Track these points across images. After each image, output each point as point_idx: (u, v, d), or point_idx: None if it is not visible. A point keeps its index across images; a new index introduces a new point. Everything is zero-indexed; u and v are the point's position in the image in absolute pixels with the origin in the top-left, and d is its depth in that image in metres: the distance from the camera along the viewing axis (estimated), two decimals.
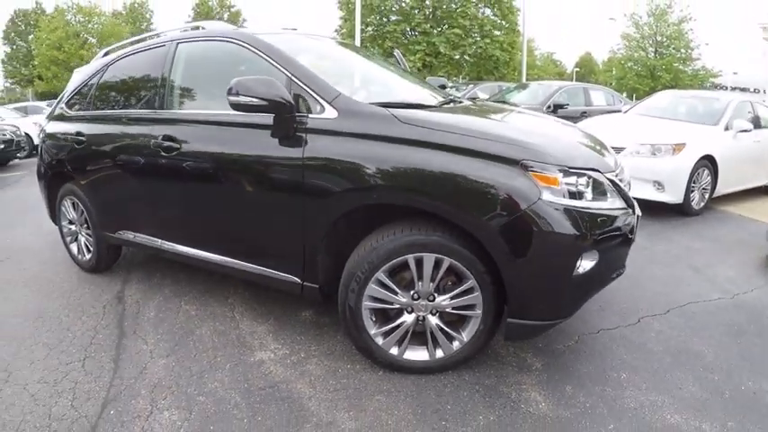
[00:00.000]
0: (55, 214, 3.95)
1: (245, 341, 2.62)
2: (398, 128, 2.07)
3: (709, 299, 3.23)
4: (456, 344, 2.17)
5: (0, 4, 51.42)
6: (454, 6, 19.27)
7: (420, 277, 2.05)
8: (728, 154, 5.53)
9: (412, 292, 2.10)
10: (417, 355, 2.22)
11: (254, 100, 2.18)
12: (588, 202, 1.97)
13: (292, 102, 2.23)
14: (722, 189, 5.68)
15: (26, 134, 11.08)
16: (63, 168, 3.67)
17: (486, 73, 21.06)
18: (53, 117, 3.94)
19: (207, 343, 2.62)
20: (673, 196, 5.11)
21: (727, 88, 29.44)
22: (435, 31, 18.79)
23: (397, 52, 4.39)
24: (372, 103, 2.25)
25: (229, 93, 2.20)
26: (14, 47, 40.45)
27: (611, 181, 2.11)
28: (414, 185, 2.00)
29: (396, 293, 2.10)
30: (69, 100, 3.81)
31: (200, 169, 2.73)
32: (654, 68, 28.54)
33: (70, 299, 3.26)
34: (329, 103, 2.25)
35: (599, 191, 2.03)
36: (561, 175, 1.92)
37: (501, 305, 2.10)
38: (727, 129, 5.64)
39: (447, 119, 2.22)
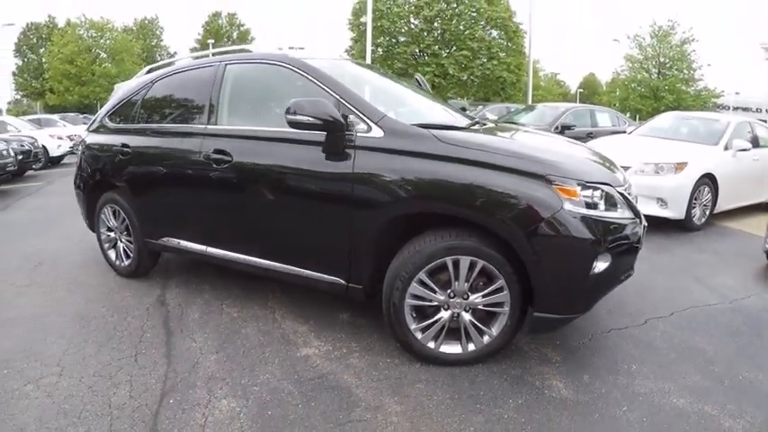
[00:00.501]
0: (93, 222, 4.11)
1: (289, 339, 2.86)
2: (438, 146, 2.39)
3: (709, 304, 3.51)
4: (486, 338, 2.46)
5: (12, 17, 52.02)
6: (462, 29, 19.84)
7: (456, 277, 2.35)
8: (728, 172, 5.84)
9: (448, 291, 2.40)
10: (451, 348, 2.50)
11: (310, 119, 2.48)
12: (602, 212, 2.29)
13: (343, 121, 2.54)
14: (722, 205, 5.99)
15: (43, 146, 11.39)
16: (105, 178, 3.88)
17: (493, 94, 21.62)
18: (94, 129, 4.14)
19: (253, 341, 2.84)
20: (675, 212, 5.41)
21: (729, 108, 29.78)
22: (444, 52, 19.39)
23: (419, 76, 4.73)
24: (413, 125, 2.58)
25: (287, 112, 2.51)
26: (26, 59, 41.11)
27: (621, 194, 2.44)
28: (453, 196, 2.32)
29: (434, 292, 2.40)
30: (112, 113, 4.02)
31: (251, 180, 3.00)
32: (657, 89, 28.96)
33: (112, 301, 3.45)
34: (375, 124, 2.56)
35: (610, 202, 2.36)
36: (579, 188, 2.25)
37: (525, 302, 2.40)
38: (726, 148, 5.96)
39: (479, 139, 2.56)
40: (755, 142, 6.37)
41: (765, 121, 9.03)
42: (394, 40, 20.27)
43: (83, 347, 2.78)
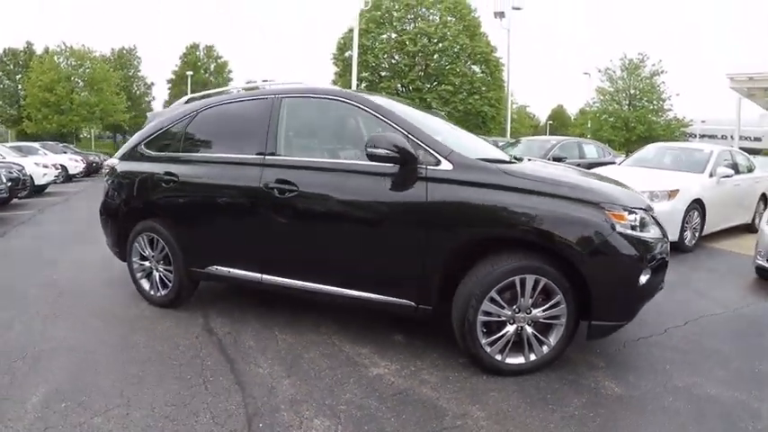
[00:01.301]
0: (123, 251, 4.08)
1: (355, 361, 3.01)
2: (504, 178, 2.81)
3: (715, 313, 4.04)
4: (545, 348, 2.85)
5: None
6: (445, 63, 20.83)
7: (522, 294, 2.76)
8: (714, 197, 6.52)
9: (514, 307, 2.81)
10: (515, 359, 2.85)
11: (388, 152, 2.80)
12: (642, 233, 2.78)
13: (416, 155, 2.86)
14: (709, 228, 6.64)
15: (30, 175, 11.14)
16: (142, 206, 3.91)
17: (474, 128, 22.52)
18: (127, 157, 4.15)
19: (321, 364, 2.96)
20: (669, 235, 6.00)
21: (696, 136, 31.33)
22: (427, 87, 20.28)
23: (439, 113, 5.17)
24: (478, 159, 2.99)
25: (367, 145, 2.82)
26: (2, 86, 40.48)
27: (652, 217, 2.96)
28: (521, 222, 2.72)
29: (503, 308, 2.79)
30: (148, 142, 4.05)
31: (319, 210, 3.20)
32: (628, 120, 30.31)
33: (156, 331, 3.44)
34: (445, 158, 2.89)
35: (646, 224, 2.85)
36: (626, 213, 2.74)
37: (577, 314, 2.84)
38: (711, 175, 6.66)
39: (538, 172, 3.00)
40: (735, 168, 7.11)
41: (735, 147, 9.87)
42: (378, 75, 21.14)
43: (142, 377, 2.79)
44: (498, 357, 2.84)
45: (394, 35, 20.39)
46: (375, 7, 19.16)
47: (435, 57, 20.38)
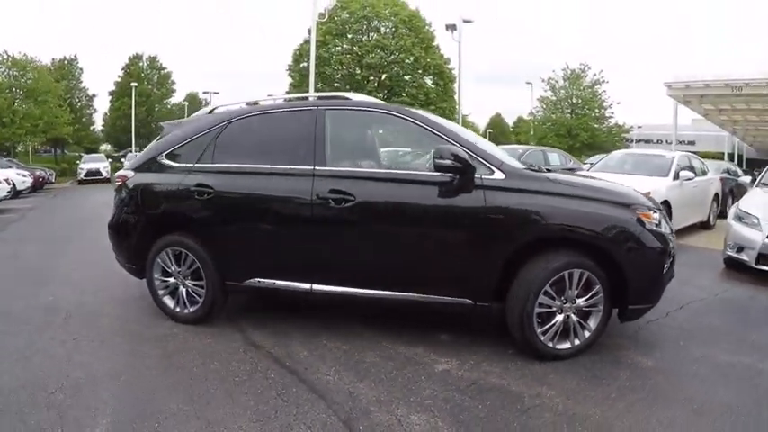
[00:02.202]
0: (139, 267, 3.98)
1: (416, 360, 3.22)
2: (550, 185, 3.30)
3: (702, 298, 4.74)
4: (587, 332, 3.32)
5: None
6: (401, 73, 21.51)
7: (570, 286, 3.23)
8: (678, 198, 7.40)
9: (562, 298, 3.26)
10: (563, 345, 3.28)
11: (454, 163, 3.11)
12: (662, 229, 3.35)
13: (474, 165, 3.23)
14: (674, 226, 7.50)
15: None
16: (168, 219, 3.86)
17: None
18: (145, 169, 4.05)
19: (385, 366, 3.14)
20: None
21: (633, 141, 33.48)
22: (383, 98, 20.88)
23: None
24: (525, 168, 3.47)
25: (435, 156, 3.15)
26: None
27: (663, 215, 3.55)
28: (568, 223, 3.19)
29: (554, 299, 3.24)
30: (170, 153, 3.98)
31: (378, 218, 3.40)
32: (571, 128, 32.21)
33: (197, 349, 3.40)
34: (497, 168, 3.27)
35: (661, 222, 3.43)
36: (651, 212, 3.32)
37: (611, 301, 3.31)
38: (675, 178, 7.55)
39: (577, 179, 3.57)
40: (693, 172, 8.06)
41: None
42: (333, 87, 21.53)
43: (208, 397, 2.77)
44: (550, 344, 3.27)
45: (351, 47, 20.91)
46: (331, 19, 19.63)
47: (393, 69, 21.06)
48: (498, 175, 3.29)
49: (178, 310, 3.91)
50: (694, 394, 2.90)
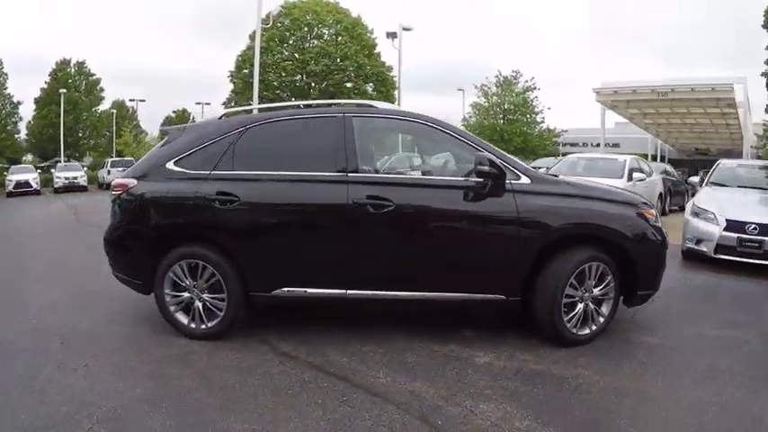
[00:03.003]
0: (148, 282, 3.80)
1: (456, 356, 3.47)
2: (569, 188, 3.79)
3: (673, 286, 5.28)
4: (601, 318, 3.77)
5: None
6: (344, 82, 21.78)
7: (589, 277, 3.66)
8: None
9: (582, 288, 3.67)
10: (583, 331, 3.68)
11: (491, 168, 3.41)
12: (659, 224, 3.90)
13: (505, 171, 3.55)
14: None
15: None
16: (183, 230, 3.76)
17: None
18: (149, 177, 3.86)
19: (430, 364, 3.36)
20: None
21: (560, 144, 35.45)
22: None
23: None
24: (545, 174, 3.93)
25: (476, 163, 3.42)
26: None
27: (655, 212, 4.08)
28: (586, 221, 3.66)
29: (576, 290, 3.66)
30: (179, 160, 3.81)
31: (416, 222, 3.60)
32: (504, 133, 33.63)
33: (229, 366, 3.34)
34: (523, 173, 3.63)
35: (657, 217, 3.96)
36: (651, 209, 3.85)
37: (620, 290, 3.78)
38: (629, 179, 8.39)
39: (585, 183, 4.06)
40: (642, 173, 8.97)
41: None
42: (276, 93, 21.38)
43: (272, 414, 2.75)
44: (574, 331, 3.68)
45: (294, 54, 20.92)
46: (274, 25, 19.55)
47: (335, 76, 21.27)
48: (525, 179, 3.67)
49: (193, 326, 3.76)
50: (702, 362, 3.48)
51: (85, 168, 29.62)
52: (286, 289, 3.67)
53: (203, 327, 3.75)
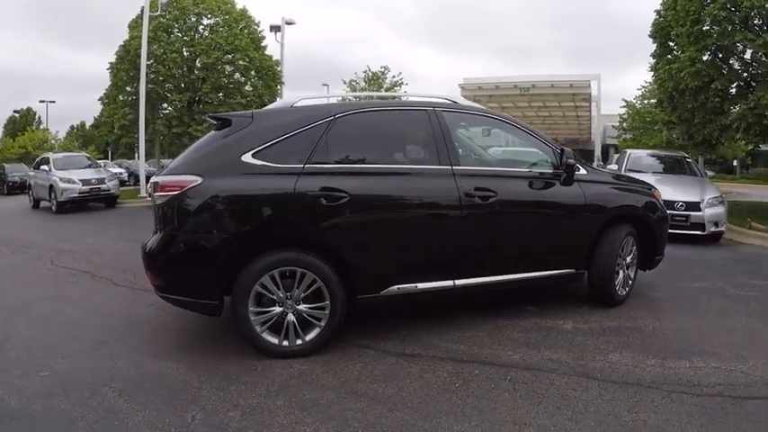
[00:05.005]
0: (220, 300, 3.45)
1: (546, 327, 4.20)
2: (609, 177, 5.03)
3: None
4: (630, 281, 5.01)
5: None
6: (234, 75, 21.08)
7: (626, 249, 4.84)
8: None
9: (622, 257, 4.81)
10: (622, 292, 4.77)
11: (574, 163, 4.28)
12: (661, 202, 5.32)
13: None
14: None
15: None
16: (276, 233, 3.47)
17: None
18: (220, 172, 3.41)
19: (533, 337, 3.97)
20: None
21: None
22: (219, 100, 20.26)
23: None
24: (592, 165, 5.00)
25: (567, 157, 4.21)
26: None
27: None
28: (628, 203, 4.81)
29: (620, 259, 4.78)
30: (260, 151, 3.47)
31: (514, 210, 4.10)
32: None
33: (361, 374, 3.35)
34: (581, 166, 4.55)
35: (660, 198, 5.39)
36: (658, 192, 5.26)
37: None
38: None
39: (617, 173, 5.36)
40: None
41: None
42: (163, 87, 20.02)
43: (463, 411, 2.91)
44: (620, 292, 4.85)
45: (183, 46, 19.76)
46: (162, 15, 18.35)
47: (226, 69, 20.57)
48: (583, 171, 4.60)
49: (286, 343, 3.44)
50: (715, 306, 5.06)
51: None
52: (397, 287, 3.65)
53: (298, 342, 3.47)
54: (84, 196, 14.38)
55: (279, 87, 24.05)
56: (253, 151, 3.46)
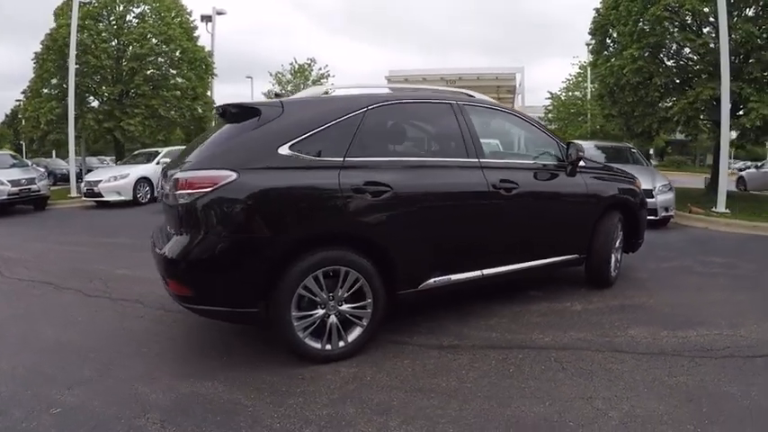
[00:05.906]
0: (261, 309, 3.21)
1: (558, 309, 4.55)
2: (604, 169, 5.52)
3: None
4: (619, 264, 5.57)
5: None
6: (166, 65, 20.22)
7: (617, 233, 5.39)
8: None
9: (615, 242, 5.35)
10: (614, 274, 5.39)
11: (583, 156, 4.72)
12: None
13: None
14: None
15: None
16: (321, 231, 3.31)
17: (200, 131, 22.53)
18: (257, 167, 3.15)
19: (550, 319, 4.29)
20: None
21: None
22: (151, 92, 19.38)
23: None
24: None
25: (579, 150, 4.59)
26: None
27: None
28: (620, 193, 5.31)
29: (615, 242, 5.36)
30: (298, 142, 3.28)
31: (532, 201, 4.38)
32: None
33: (419, 371, 3.36)
34: (582, 159, 4.81)
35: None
36: (639, 181, 5.91)
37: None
38: None
39: (606, 165, 5.86)
40: None
41: None
42: (94, 79, 18.79)
43: (523, 399, 3.01)
44: (613, 275, 5.39)
45: (112, 36, 18.66)
46: (90, 2, 17.24)
47: (157, 60, 19.65)
48: (583, 163, 4.94)
49: (329, 347, 3.33)
50: (691, 282, 5.76)
51: None
52: (433, 280, 3.71)
53: (341, 345, 3.38)
54: (12, 198, 13.23)
55: (211, 79, 23.42)
56: (290, 143, 3.26)
